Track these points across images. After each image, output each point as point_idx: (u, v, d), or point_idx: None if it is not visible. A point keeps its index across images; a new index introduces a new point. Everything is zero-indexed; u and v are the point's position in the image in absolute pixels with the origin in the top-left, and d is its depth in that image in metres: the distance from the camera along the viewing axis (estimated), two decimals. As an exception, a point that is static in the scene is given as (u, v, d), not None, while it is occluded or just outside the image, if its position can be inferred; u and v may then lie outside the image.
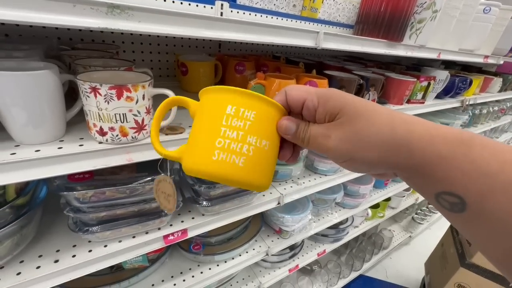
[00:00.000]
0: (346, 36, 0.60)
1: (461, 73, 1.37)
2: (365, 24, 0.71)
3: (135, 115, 0.42)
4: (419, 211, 1.90)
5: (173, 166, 0.56)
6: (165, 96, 0.36)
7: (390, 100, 0.93)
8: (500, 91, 1.60)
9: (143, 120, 0.43)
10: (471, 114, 1.65)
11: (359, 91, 0.82)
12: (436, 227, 2.09)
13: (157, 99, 0.39)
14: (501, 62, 1.27)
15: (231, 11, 0.77)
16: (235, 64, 0.83)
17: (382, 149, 0.21)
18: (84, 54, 0.61)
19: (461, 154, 0.18)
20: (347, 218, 1.21)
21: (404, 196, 1.54)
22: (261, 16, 0.86)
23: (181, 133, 0.50)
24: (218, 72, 0.83)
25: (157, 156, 0.48)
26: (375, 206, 1.39)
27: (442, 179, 0.19)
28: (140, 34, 0.83)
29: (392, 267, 1.76)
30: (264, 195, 0.76)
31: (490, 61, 1.18)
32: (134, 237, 0.56)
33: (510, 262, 0.17)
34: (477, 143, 0.18)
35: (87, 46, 0.71)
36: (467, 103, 1.29)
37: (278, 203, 0.78)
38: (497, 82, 1.53)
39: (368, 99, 0.84)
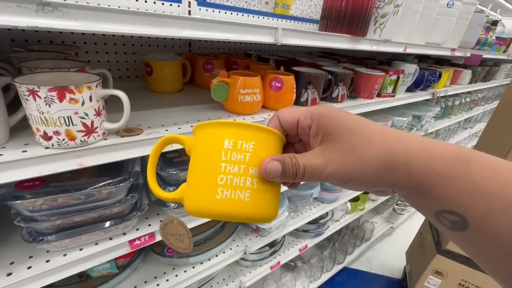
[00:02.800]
0: (307, 32, 0.60)
1: (432, 66, 1.41)
2: (329, 19, 0.71)
3: (83, 118, 0.40)
4: (399, 202, 1.95)
5: (133, 168, 0.54)
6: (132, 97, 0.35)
7: (360, 95, 0.94)
8: (470, 82, 1.67)
9: (92, 122, 0.42)
10: (443, 106, 1.71)
11: (328, 87, 0.83)
12: (417, 216, 2.15)
13: (116, 101, 0.37)
14: (468, 54, 1.32)
15: (200, 9, 0.76)
16: (203, 63, 0.82)
17: (380, 169, 0.21)
18: (37, 56, 0.58)
19: (460, 172, 0.18)
20: (327, 213, 1.23)
21: (383, 188, 1.58)
22: (231, 14, 0.85)
23: (138, 134, 0.49)
24: (186, 71, 0.81)
25: (114, 159, 0.46)
26: (355, 199, 1.42)
27: (442, 197, 0.19)
28: (104, 34, 0.81)
29: (376, 258, 1.81)
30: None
31: (457, 54, 1.22)
32: (97, 243, 0.54)
33: None
34: (476, 161, 0.18)
35: (43, 47, 0.68)
36: (438, 95, 1.33)
37: (252, 201, 0.78)
38: (467, 74, 1.59)
39: (338, 94, 0.85)
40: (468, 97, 1.92)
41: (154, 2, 0.54)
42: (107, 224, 0.53)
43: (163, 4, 0.55)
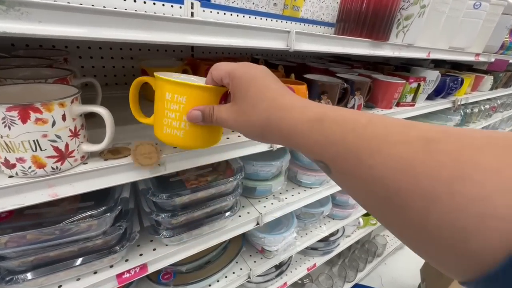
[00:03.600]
0: (323, 36, 0.52)
1: (452, 72, 1.32)
2: (347, 22, 0.63)
3: (54, 141, 0.33)
4: (413, 214, 1.84)
5: (121, 194, 0.47)
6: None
7: (378, 104, 0.86)
8: (491, 89, 1.56)
9: (67, 146, 0.34)
10: (462, 113, 1.60)
11: (344, 96, 0.74)
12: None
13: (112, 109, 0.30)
14: (492, 59, 1.22)
15: (203, 10, 0.69)
16: (205, 69, 0.74)
17: (260, 130, 0.27)
18: (17, 62, 0.52)
19: (316, 129, 0.22)
20: (337, 230, 1.14)
21: (397, 201, 1.48)
22: (237, 16, 0.77)
23: (126, 156, 0.41)
24: (187, 78, 0.74)
25: (96, 187, 0.39)
26: (367, 214, 1.32)
27: (309, 151, 0.24)
28: (98, 38, 0.74)
29: (387, 273, 1.70)
30: (240, 216, 0.68)
31: (481, 59, 1.13)
32: (78, 279, 0.47)
33: (373, 211, 0.20)
34: (329, 119, 0.22)
35: (30, 53, 0.61)
36: (459, 103, 1.24)
37: (257, 224, 0.70)
38: (488, 80, 1.48)
39: (354, 104, 0.77)
40: (488, 104, 1.81)
41: (154, 3, 0.47)
42: (90, 258, 0.45)
43: (163, 5, 0.48)
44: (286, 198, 0.77)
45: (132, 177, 0.42)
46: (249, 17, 0.79)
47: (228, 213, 0.58)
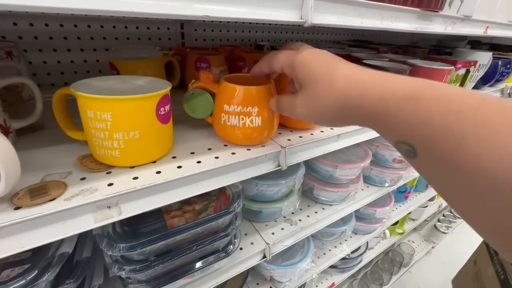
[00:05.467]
0: (355, 3, 0.35)
1: (497, 54, 1.09)
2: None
3: None
4: (442, 217, 1.65)
5: (57, 249, 0.32)
6: None
7: (416, 98, 0.67)
8: (542, 73, 1.31)
9: None
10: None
11: (375, 89, 0.57)
12: (459, 230, 1.83)
13: None
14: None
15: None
16: (195, 59, 0.58)
17: (336, 111, 0.25)
18: None
19: (409, 109, 0.20)
20: (359, 246, 0.98)
21: (426, 206, 1.29)
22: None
23: (52, 199, 0.27)
24: (173, 73, 0.58)
25: (12, 251, 0.25)
26: (394, 223, 1.15)
27: (395, 131, 0.21)
28: (61, 25, 0.59)
29: (412, 282, 1.53)
30: (241, 249, 0.53)
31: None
32: None
33: (459, 201, 0.18)
34: (425, 97, 0.19)
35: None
36: (508, 91, 1.02)
37: (264, 257, 0.55)
38: (541, 62, 1.24)
39: (388, 99, 0.59)
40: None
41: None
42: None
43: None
44: (300, 220, 0.62)
45: (64, 230, 0.27)
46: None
47: (222, 254, 0.43)
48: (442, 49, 1.14)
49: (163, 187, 0.31)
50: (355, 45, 1.02)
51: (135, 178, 0.31)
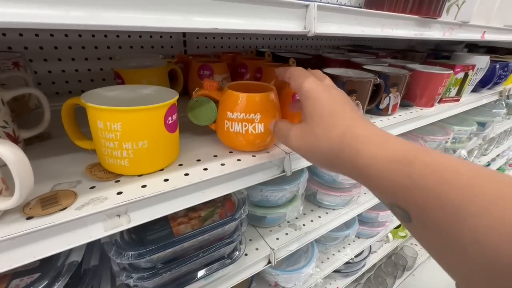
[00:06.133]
0: (357, 12, 0.36)
1: (495, 57, 1.10)
2: (382, -6, 0.46)
3: None
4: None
5: (67, 258, 0.33)
6: None
7: (416, 102, 0.68)
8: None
9: None
10: (504, 103, 1.38)
11: (376, 94, 0.57)
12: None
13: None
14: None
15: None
16: (198, 67, 0.59)
17: (330, 157, 0.25)
18: None
19: (404, 172, 0.20)
20: (362, 250, 0.97)
21: (429, 209, 1.29)
22: None
23: (64, 208, 0.27)
24: (176, 81, 0.59)
25: (8, 266, 0.25)
26: (397, 226, 1.15)
27: (389, 193, 0.21)
28: (66, 35, 0.60)
29: (416, 286, 1.51)
30: (246, 255, 0.53)
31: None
32: None
33: (459, 271, 0.18)
34: (419, 161, 0.19)
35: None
36: (506, 93, 1.03)
37: (269, 263, 0.55)
38: (537, 64, 1.25)
39: (388, 104, 0.60)
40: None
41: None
42: None
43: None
44: (304, 225, 0.62)
45: (75, 239, 0.27)
46: None
47: (228, 261, 0.44)
48: (440, 53, 1.15)
49: (171, 195, 0.32)
50: (354, 50, 1.03)
51: (144, 186, 0.31)
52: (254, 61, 0.66)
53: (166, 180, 0.33)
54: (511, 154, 1.99)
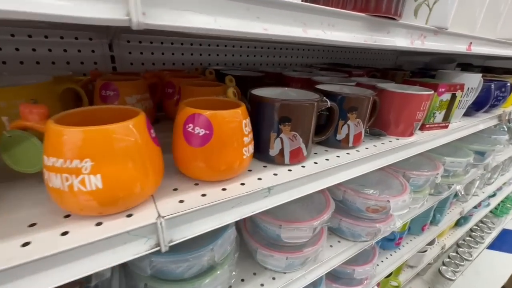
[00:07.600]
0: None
1: (490, 76, 0.97)
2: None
3: None
4: (447, 259, 1.43)
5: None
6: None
7: (390, 130, 0.54)
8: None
9: None
10: (506, 128, 1.23)
11: (329, 122, 0.43)
12: (470, 273, 1.58)
13: None
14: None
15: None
16: (99, 86, 0.46)
17: None
18: None
19: None
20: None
21: (425, 251, 1.10)
22: None
23: None
24: (82, 102, 0.46)
25: None
26: (388, 275, 0.95)
27: None
28: None
29: None
30: None
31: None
32: None
33: None
34: None
35: None
36: (507, 117, 0.89)
37: None
38: (540, 85, 1.12)
39: (347, 133, 0.45)
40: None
41: None
42: None
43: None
44: (237, 299, 0.45)
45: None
46: None
47: None
48: (428, 72, 1.03)
49: None
50: (327, 69, 0.91)
51: None
52: (184, 79, 0.53)
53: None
54: (519, 182, 1.80)
